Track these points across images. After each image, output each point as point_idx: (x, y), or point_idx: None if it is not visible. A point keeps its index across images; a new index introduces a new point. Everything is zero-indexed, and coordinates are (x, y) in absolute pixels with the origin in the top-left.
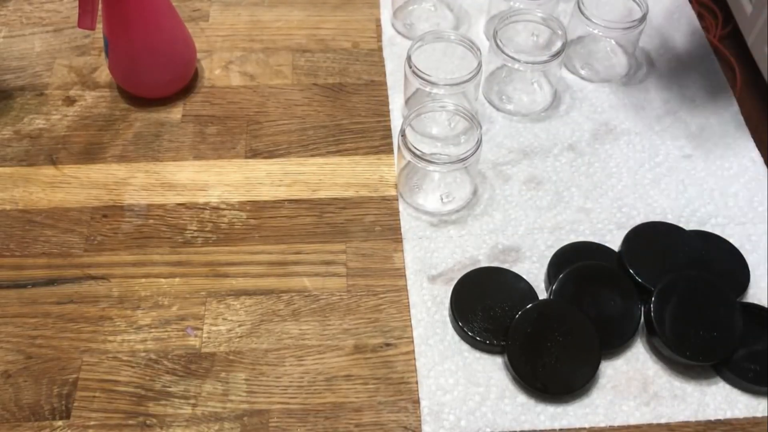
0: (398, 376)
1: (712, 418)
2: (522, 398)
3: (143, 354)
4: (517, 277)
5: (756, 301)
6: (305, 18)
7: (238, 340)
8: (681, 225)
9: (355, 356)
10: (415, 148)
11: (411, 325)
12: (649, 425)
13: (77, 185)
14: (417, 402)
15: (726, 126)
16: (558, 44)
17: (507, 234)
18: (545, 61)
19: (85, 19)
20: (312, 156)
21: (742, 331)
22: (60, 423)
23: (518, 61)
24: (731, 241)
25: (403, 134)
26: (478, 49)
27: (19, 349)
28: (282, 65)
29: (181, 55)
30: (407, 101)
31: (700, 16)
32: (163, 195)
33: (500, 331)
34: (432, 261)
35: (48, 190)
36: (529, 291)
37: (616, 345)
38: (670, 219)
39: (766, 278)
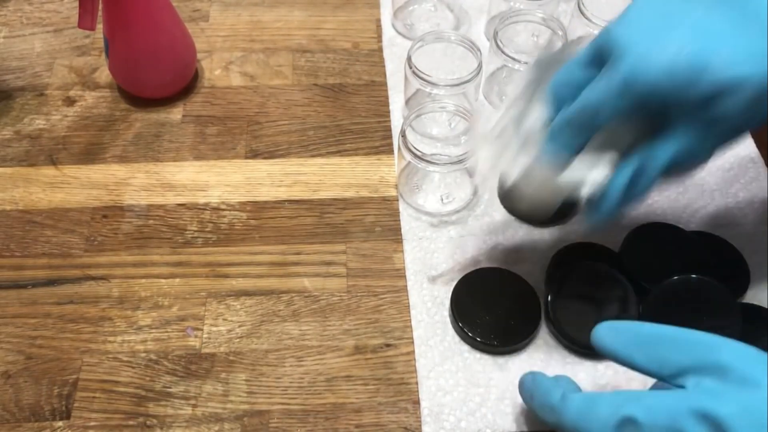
0: (398, 376)
1: None
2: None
3: (143, 354)
4: (518, 278)
5: (756, 302)
6: (305, 18)
7: (238, 340)
8: (681, 226)
9: (355, 357)
10: (416, 148)
11: (411, 326)
12: None
13: (77, 185)
14: (417, 403)
15: None
16: (558, 45)
17: (507, 235)
18: None
19: (86, 19)
20: (312, 156)
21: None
22: (60, 423)
23: (518, 61)
24: (731, 242)
25: (403, 135)
26: (479, 50)
27: (20, 350)
28: (282, 65)
29: (181, 56)
30: (407, 102)
31: None
32: (163, 195)
33: (500, 332)
34: (432, 262)
35: (48, 191)
36: (530, 292)
37: None
38: (670, 220)
39: (766, 279)
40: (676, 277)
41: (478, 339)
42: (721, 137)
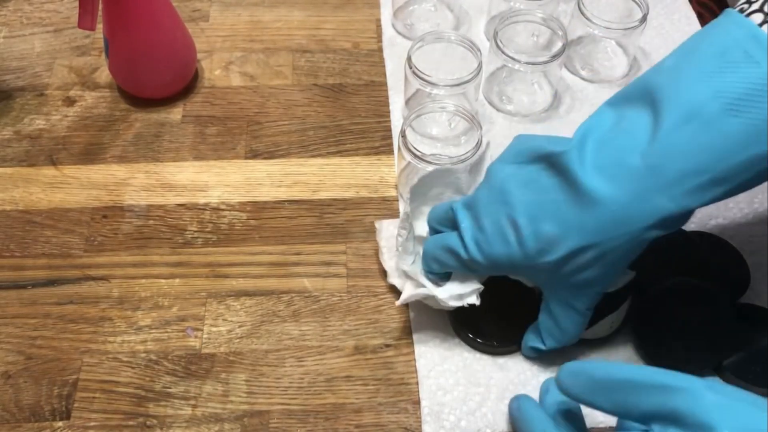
0: (398, 377)
1: None
2: None
3: (143, 355)
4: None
5: (756, 303)
6: (305, 18)
7: (238, 340)
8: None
9: (355, 357)
10: (416, 148)
11: (411, 326)
12: None
13: (77, 186)
14: (417, 403)
15: None
16: (558, 45)
17: None
18: (545, 62)
19: (86, 19)
20: (312, 156)
21: (730, 344)
22: (60, 424)
23: (518, 61)
24: (731, 242)
25: (403, 135)
26: (479, 50)
27: (19, 350)
28: (282, 66)
29: (181, 56)
30: (407, 102)
31: (700, 16)
32: (163, 195)
33: (499, 333)
34: None
35: (48, 191)
36: (528, 291)
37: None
38: None
39: (766, 279)
40: (669, 281)
41: (478, 340)
42: (585, 294)
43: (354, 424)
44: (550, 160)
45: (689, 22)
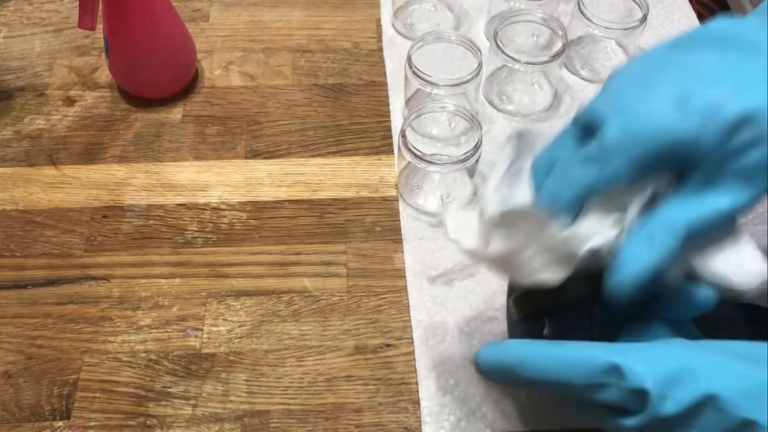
0: (398, 376)
1: None
2: (522, 399)
3: (143, 354)
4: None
5: (756, 302)
6: (305, 18)
7: (238, 340)
8: None
9: (355, 357)
10: (416, 148)
11: (411, 326)
12: None
13: (77, 185)
14: (417, 403)
15: None
16: (558, 45)
17: None
18: (546, 62)
19: (86, 19)
20: (312, 156)
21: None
22: (60, 423)
23: (518, 61)
24: None
25: (403, 135)
26: (479, 50)
27: (20, 350)
28: (282, 65)
29: (182, 56)
30: (407, 102)
31: (700, 16)
32: (164, 195)
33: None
34: (432, 262)
35: (48, 191)
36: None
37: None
38: None
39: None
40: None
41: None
42: (754, 181)
43: (354, 424)
44: (712, 35)
45: (689, 22)
